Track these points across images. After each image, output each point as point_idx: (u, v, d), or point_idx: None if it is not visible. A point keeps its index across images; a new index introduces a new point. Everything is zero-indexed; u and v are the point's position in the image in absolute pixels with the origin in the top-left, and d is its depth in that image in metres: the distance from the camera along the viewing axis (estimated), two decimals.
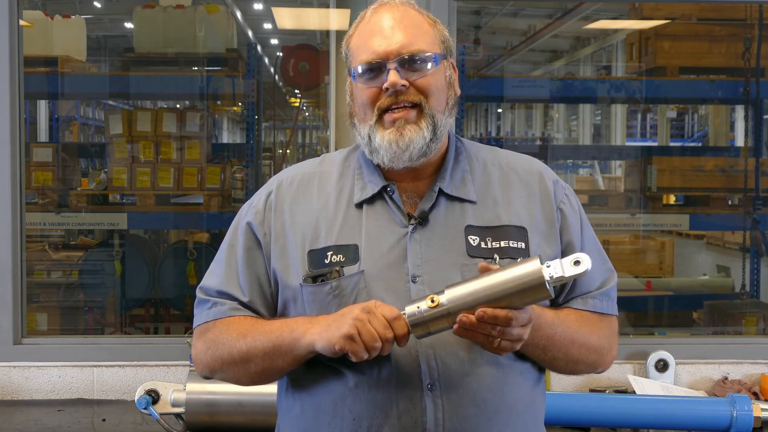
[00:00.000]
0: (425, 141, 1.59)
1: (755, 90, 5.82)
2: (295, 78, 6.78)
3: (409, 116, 1.59)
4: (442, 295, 1.46)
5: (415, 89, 1.59)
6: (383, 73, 1.59)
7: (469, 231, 1.61)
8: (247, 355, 1.60)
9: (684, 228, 6.49)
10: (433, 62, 1.61)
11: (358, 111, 1.65)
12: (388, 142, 1.59)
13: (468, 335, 1.45)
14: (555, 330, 1.58)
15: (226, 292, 1.66)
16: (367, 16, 1.66)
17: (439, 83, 1.62)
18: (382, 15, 1.63)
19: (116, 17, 13.17)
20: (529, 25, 13.84)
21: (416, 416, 1.53)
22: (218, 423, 2.50)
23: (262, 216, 1.67)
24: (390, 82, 1.57)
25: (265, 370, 1.61)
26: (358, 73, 1.62)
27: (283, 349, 1.57)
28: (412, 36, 1.60)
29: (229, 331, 1.63)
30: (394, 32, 1.60)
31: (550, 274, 1.43)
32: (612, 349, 1.70)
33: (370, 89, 1.61)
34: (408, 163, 1.61)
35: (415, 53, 1.59)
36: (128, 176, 5.30)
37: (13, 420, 2.70)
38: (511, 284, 1.43)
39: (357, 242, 1.60)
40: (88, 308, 5.66)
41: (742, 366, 2.99)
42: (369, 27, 1.64)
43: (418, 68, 1.60)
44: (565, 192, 1.70)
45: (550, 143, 14.35)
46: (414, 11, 1.65)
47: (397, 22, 1.61)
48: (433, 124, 1.60)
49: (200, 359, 1.68)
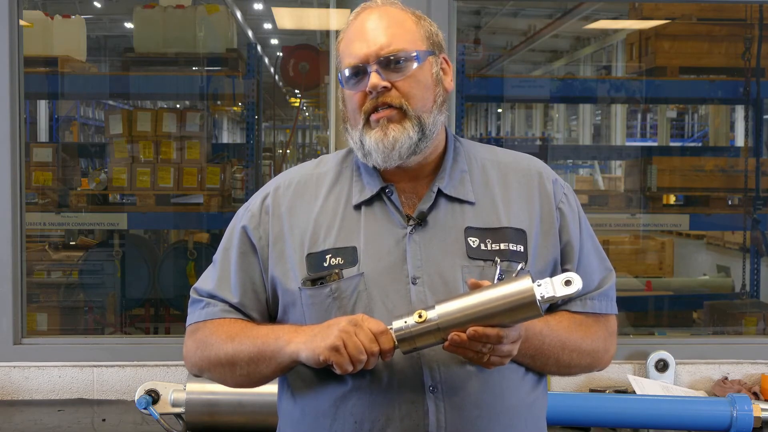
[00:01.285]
0: (411, 141, 1.58)
1: (755, 90, 5.82)
2: (295, 78, 6.78)
3: (392, 116, 1.58)
4: (432, 311, 1.45)
5: (398, 91, 1.59)
6: (366, 76, 1.59)
7: (469, 232, 1.60)
8: (233, 358, 1.60)
9: (684, 228, 6.49)
10: (415, 60, 1.60)
11: (349, 116, 1.65)
12: (375, 141, 1.59)
13: (458, 351, 1.45)
14: (543, 340, 1.58)
15: (217, 295, 1.67)
16: (350, 21, 1.66)
17: (423, 82, 1.61)
18: (363, 18, 1.63)
19: (116, 17, 13.18)
20: (529, 25, 13.84)
21: (418, 419, 1.53)
22: (218, 423, 2.50)
23: (258, 220, 1.67)
24: (371, 84, 1.57)
25: (250, 375, 1.62)
26: (345, 78, 1.62)
27: (266, 356, 1.57)
28: (391, 36, 1.60)
29: (218, 333, 1.63)
30: (373, 34, 1.60)
31: (541, 293, 1.43)
32: (609, 350, 1.70)
33: (356, 94, 1.61)
34: (399, 161, 1.60)
35: (394, 53, 1.58)
36: (128, 176, 5.30)
37: (13, 420, 2.70)
38: (501, 302, 1.42)
39: (356, 244, 1.60)
40: (88, 308, 5.66)
41: (742, 366, 2.99)
42: (351, 31, 1.64)
43: (399, 68, 1.59)
44: (564, 191, 1.70)
45: (550, 143, 14.35)
46: (396, 10, 1.64)
47: (377, 23, 1.61)
48: (420, 124, 1.59)
49: (189, 358, 1.69)
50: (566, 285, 1.44)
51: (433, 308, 1.45)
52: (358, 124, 1.61)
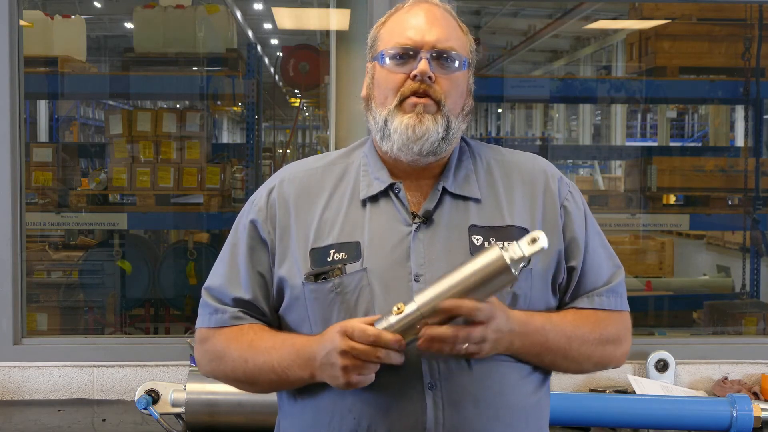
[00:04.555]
0: (438, 136, 1.60)
1: (755, 90, 5.82)
2: (295, 78, 6.78)
3: (429, 106, 1.60)
4: (411, 303, 1.46)
5: (439, 87, 1.61)
6: (414, 60, 1.60)
7: (473, 231, 1.61)
8: (252, 378, 1.63)
9: (684, 228, 6.50)
10: (462, 64, 1.63)
11: (377, 95, 1.65)
12: (405, 126, 1.59)
13: (433, 348, 1.45)
14: (547, 335, 1.58)
15: (228, 293, 1.67)
16: (405, 7, 1.68)
17: (461, 87, 1.64)
18: (422, 8, 1.66)
19: (116, 17, 13.18)
20: (529, 25, 13.84)
21: (416, 415, 1.53)
22: (218, 423, 2.50)
23: (265, 213, 1.67)
24: (420, 69, 1.59)
25: (272, 389, 1.67)
26: (390, 55, 1.63)
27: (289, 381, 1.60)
28: (449, 34, 1.63)
29: (232, 348, 1.64)
30: (432, 26, 1.63)
31: (510, 256, 1.44)
32: (622, 345, 1.69)
33: (396, 74, 1.61)
34: (417, 156, 1.61)
35: (449, 50, 1.62)
36: (128, 176, 5.30)
37: (13, 420, 2.70)
38: (476, 276, 1.44)
39: (360, 240, 1.60)
40: (88, 308, 5.66)
41: (742, 366, 2.99)
42: (407, 16, 1.66)
43: (447, 66, 1.61)
44: (569, 189, 1.70)
45: (550, 143, 14.34)
46: (451, 16, 1.68)
47: (437, 18, 1.64)
48: (448, 124, 1.61)
49: (202, 366, 1.71)
50: (532, 243, 1.45)
51: (413, 300, 1.46)
52: (388, 103, 1.62)
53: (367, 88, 1.69)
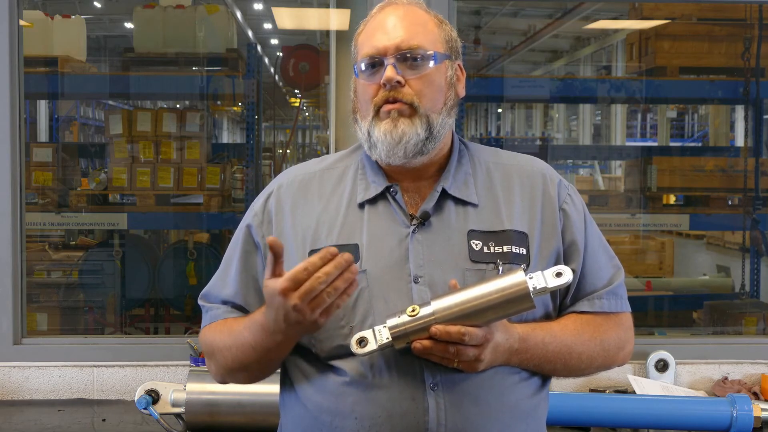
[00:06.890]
0: (419, 138, 1.60)
1: (755, 90, 5.82)
2: (295, 78, 6.78)
3: (403, 110, 1.59)
4: (428, 307, 1.46)
5: (411, 89, 1.60)
6: (382, 68, 1.60)
7: (472, 235, 1.61)
8: (241, 364, 1.62)
9: (684, 228, 6.49)
10: (432, 60, 1.62)
11: (360, 108, 1.66)
12: (383, 133, 1.60)
13: (425, 355, 1.47)
14: (546, 348, 1.58)
15: (218, 295, 1.69)
16: (373, 14, 1.68)
17: (436, 83, 1.63)
18: (387, 12, 1.65)
19: (116, 17, 13.18)
20: (529, 25, 13.85)
21: (418, 416, 1.53)
22: (218, 423, 2.50)
23: (261, 218, 1.69)
24: (385, 77, 1.59)
25: (262, 370, 1.64)
26: (361, 69, 1.64)
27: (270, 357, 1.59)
28: (412, 33, 1.62)
29: (217, 339, 1.65)
30: (395, 29, 1.62)
31: (533, 285, 1.46)
32: (624, 347, 1.70)
33: (370, 85, 1.62)
34: (404, 159, 1.61)
35: (412, 49, 1.60)
36: (128, 176, 5.30)
37: (13, 420, 2.70)
38: (495, 296, 1.45)
39: (358, 242, 1.60)
40: (88, 308, 5.66)
41: (742, 366, 2.99)
42: (373, 24, 1.66)
43: (415, 65, 1.61)
44: (568, 192, 1.70)
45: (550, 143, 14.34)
46: (420, 10, 1.67)
47: (400, 19, 1.63)
48: (428, 123, 1.60)
49: (211, 371, 1.72)
50: (557, 277, 1.47)
51: (429, 304, 1.47)
52: (368, 115, 1.63)
53: (353, 101, 1.70)
